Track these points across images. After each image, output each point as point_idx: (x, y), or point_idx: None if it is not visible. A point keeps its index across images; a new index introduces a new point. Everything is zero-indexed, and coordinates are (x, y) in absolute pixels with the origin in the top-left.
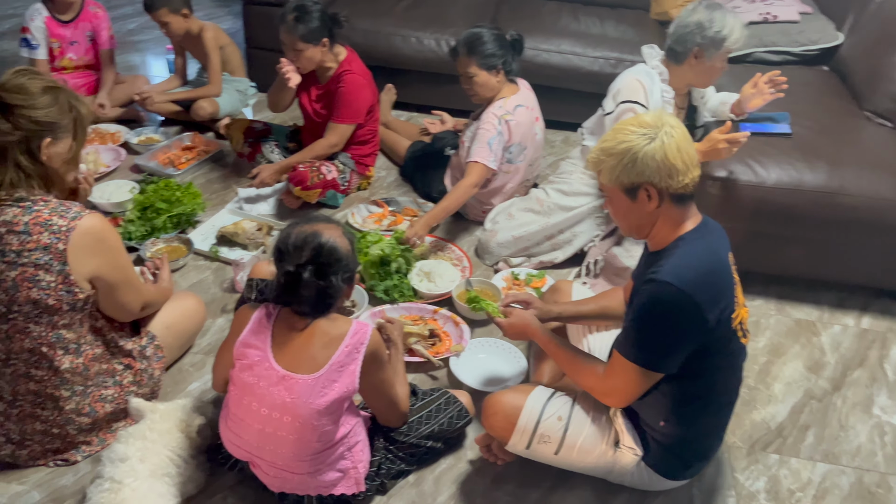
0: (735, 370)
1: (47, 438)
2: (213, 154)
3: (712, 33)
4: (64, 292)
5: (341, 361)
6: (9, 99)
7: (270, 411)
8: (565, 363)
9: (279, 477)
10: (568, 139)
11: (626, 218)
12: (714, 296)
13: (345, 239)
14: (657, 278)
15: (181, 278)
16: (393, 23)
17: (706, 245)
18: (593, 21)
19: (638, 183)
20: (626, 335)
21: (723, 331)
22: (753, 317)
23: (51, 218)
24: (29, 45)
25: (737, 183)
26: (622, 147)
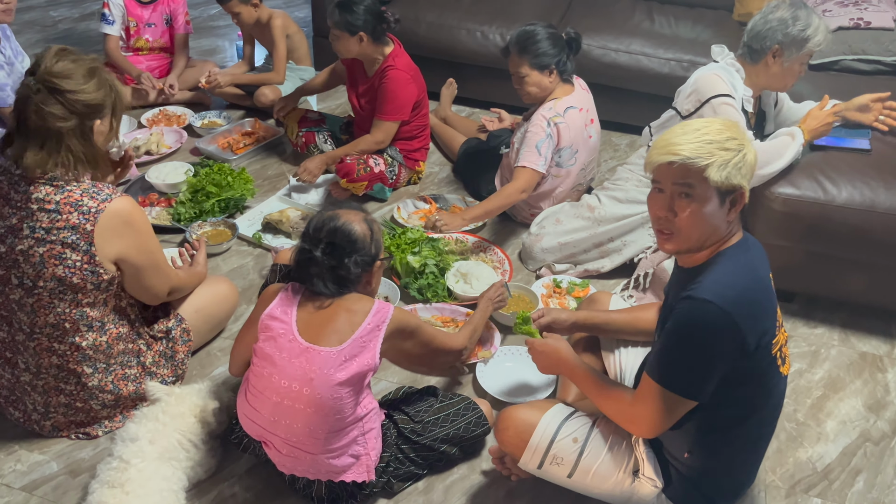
0: (772, 401)
1: (71, 411)
2: (272, 140)
3: (795, 31)
4: (89, 272)
5: (364, 337)
6: (61, 84)
7: (290, 383)
8: (592, 390)
9: (292, 456)
10: (633, 143)
11: (701, 224)
12: (756, 318)
13: (364, 225)
14: (695, 296)
15: (223, 262)
16: (459, 16)
17: (748, 262)
18: (668, 20)
19: (738, 185)
20: (658, 358)
21: (761, 357)
22: (813, 346)
23: (82, 199)
24: (106, 20)
25: (802, 199)
26: (736, 143)
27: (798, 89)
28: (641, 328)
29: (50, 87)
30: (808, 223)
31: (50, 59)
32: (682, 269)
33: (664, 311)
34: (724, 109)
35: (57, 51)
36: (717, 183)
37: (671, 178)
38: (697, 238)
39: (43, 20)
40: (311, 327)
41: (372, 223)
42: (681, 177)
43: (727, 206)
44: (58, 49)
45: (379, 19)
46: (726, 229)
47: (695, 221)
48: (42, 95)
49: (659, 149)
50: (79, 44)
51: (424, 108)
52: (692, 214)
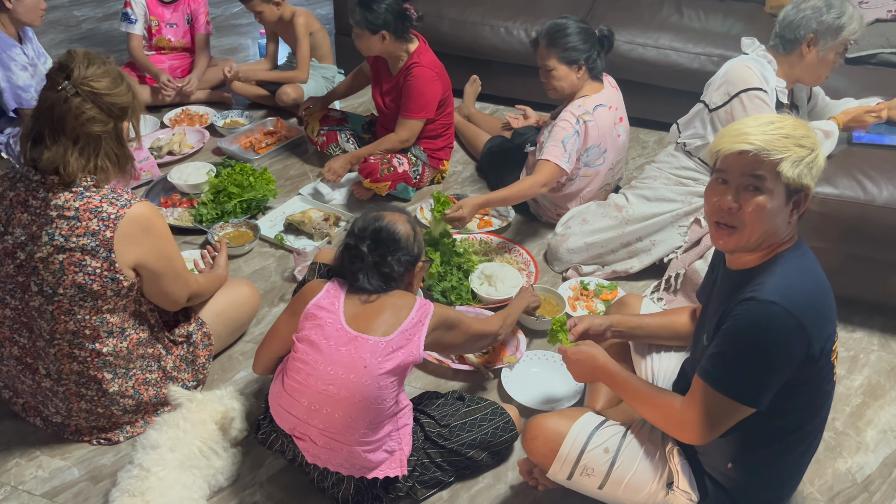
0: (822, 412)
1: (92, 417)
2: (294, 140)
3: (830, 19)
4: (108, 279)
5: (409, 330)
6: (100, 89)
7: (336, 369)
8: (635, 396)
9: (328, 448)
10: (662, 140)
11: (770, 221)
12: (822, 322)
13: (408, 226)
14: (759, 297)
15: (244, 264)
16: (482, 12)
17: (809, 263)
18: (697, 14)
19: (806, 185)
20: (714, 361)
21: (823, 363)
22: (851, 351)
23: (101, 205)
24: (128, 19)
25: (840, 199)
26: (810, 142)
27: (835, 84)
28: (675, 332)
29: (89, 90)
30: (847, 224)
31: (81, 64)
32: (731, 273)
33: (707, 314)
34: (756, 103)
35: (84, 55)
36: (788, 179)
37: (741, 168)
38: (760, 235)
39: (67, 20)
40: (358, 318)
41: (415, 225)
42: (752, 168)
43: (791, 206)
44: (84, 53)
45: (401, 17)
46: (786, 231)
47: (760, 217)
48: (81, 99)
49: (729, 137)
50: (102, 44)
51: (449, 107)
52: (758, 209)
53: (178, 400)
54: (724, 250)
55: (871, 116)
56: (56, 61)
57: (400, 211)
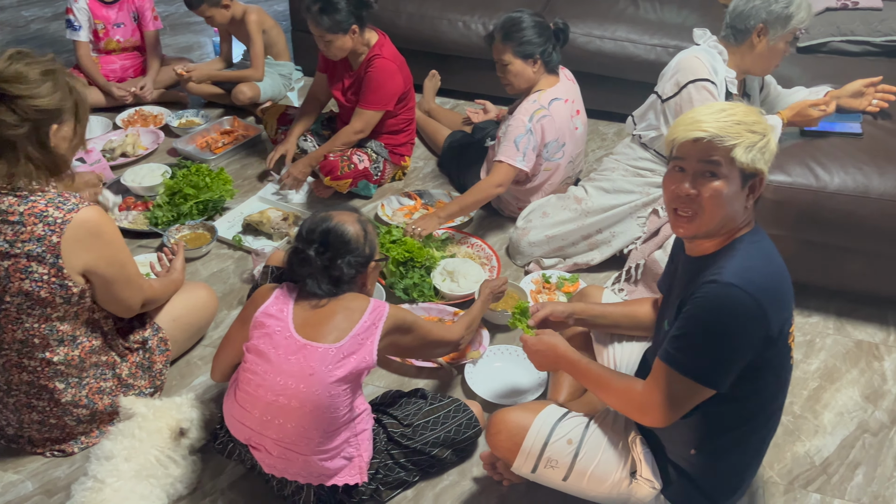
0: (781, 395)
1: (45, 428)
2: (251, 139)
3: (778, 9)
4: (57, 285)
5: (361, 335)
6: (11, 90)
7: (286, 380)
8: (596, 382)
9: (283, 458)
10: (621, 132)
11: (723, 207)
12: (780, 303)
13: (357, 226)
14: (720, 280)
15: (202, 266)
16: (440, 6)
17: (767, 249)
18: (653, 6)
19: (760, 170)
20: (676, 343)
21: (781, 346)
22: (808, 335)
23: (47, 209)
24: (72, 27)
25: (794, 186)
26: (762, 127)
27: (786, 73)
28: (638, 322)
29: (1, 92)
30: (800, 211)
31: (2, 64)
32: (692, 259)
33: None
34: (703, 94)
35: (10, 54)
36: (742, 164)
37: (696, 155)
38: (719, 220)
39: (15, 20)
40: (307, 325)
41: (366, 224)
42: (707, 154)
43: (747, 190)
44: (12, 52)
45: (362, 6)
46: (743, 215)
47: (718, 202)
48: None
49: (684, 126)
50: (51, 44)
51: (411, 102)
52: (716, 194)
53: (132, 410)
54: (684, 237)
55: (816, 110)
56: None
57: (350, 210)
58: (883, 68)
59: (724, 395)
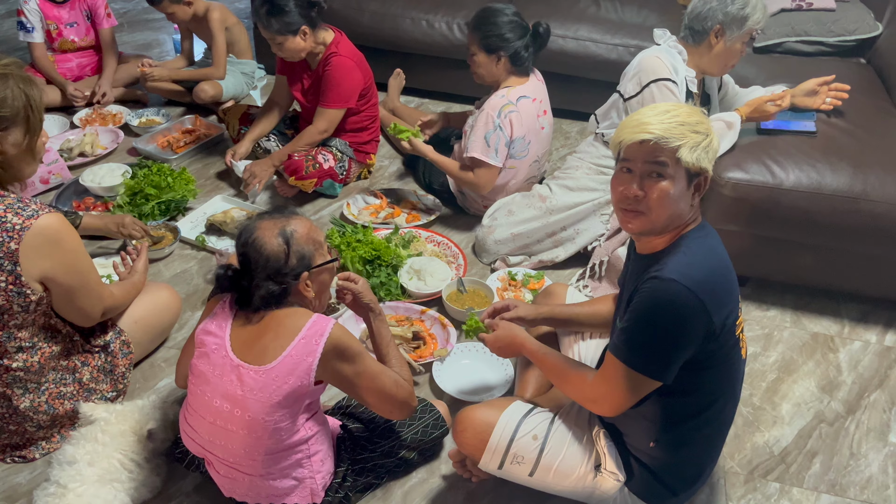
0: (735, 385)
1: (4, 434)
2: (213, 138)
3: (734, 10)
4: (14, 293)
5: (295, 355)
6: None
7: (222, 402)
8: (553, 372)
9: (230, 477)
10: (584, 130)
11: (669, 206)
12: (721, 298)
13: (278, 240)
14: (661, 276)
15: (165, 267)
16: (402, 4)
17: (710, 243)
18: (613, 6)
19: (704, 169)
20: (622, 337)
21: (726, 338)
22: (766, 329)
23: (5, 214)
24: (24, 29)
25: (751, 183)
26: (704, 126)
27: (742, 72)
28: (602, 319)
29: None
30: (757, 207)
31: None
32: (641, 257)
33: (622, 298)
34: (665, 93)
35: None
36: (687, 164)
37: (643, 156)
38: (666, 218)
39: None
40: (243, 343)
41: (290, 236)
42: (653, 156)
43: (693, 189)
44: None
45: (310, 6)
46: (689, 213)
47: (665, 201)
48: None
49: (630, 128)
50: (3, 42)
51: (373, 98)
52: (662, 194)
53: (93, 416)
54: (632, 233)
55: (772, 106)
56: None
57: (278, 218)
58: (836, 67)
59: (674, 386)
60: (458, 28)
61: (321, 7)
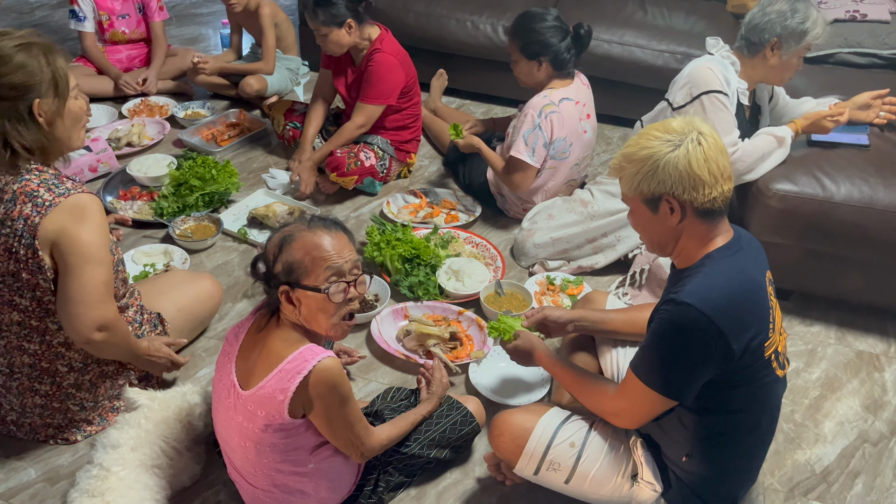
0: (769, 405)
1: (47, 412)
2: (257, 133)
3: (794, 24)
4: (35, 267)
5: (269, 388)
6: None
7: (223, 415)
8: (572, 385)
9: (238, 482)
10: (626, 136)
11: (647, 231)
12: (742, 321)
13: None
14: (677, 299)
15: (207, 258)
16: (448, 5)
17: (736, 264)
18: (661, 11)
19: (659, 194)
20: (640, 355)
21: (751, 361)
22: (809, 344)
23: (38, 189)
24: (77, 17)
25: (800, 196)
26: (643, 153)
27: (793, 83)
28: (639, 328)
29: None
30: (805, 220)
31: None
32: (675, 270)
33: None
34: (716, 105)
35: None
36: (633, 194)
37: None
38: (650, 242)
39: (20, 6)
40: (245, 356)
41: (286, 243)
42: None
43: (664, 212)
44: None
45: (357, 0)
46: (673, 234)
47: (638, 228)
48: None
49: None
50: (56, 31)
51: (416, 97)
52: (634, 223)
53: (136, 402)
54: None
55: (830, 122)
56: None
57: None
58: (890, 81)
59: (702, 403)
60: (503, 30)
61: (369, 2)
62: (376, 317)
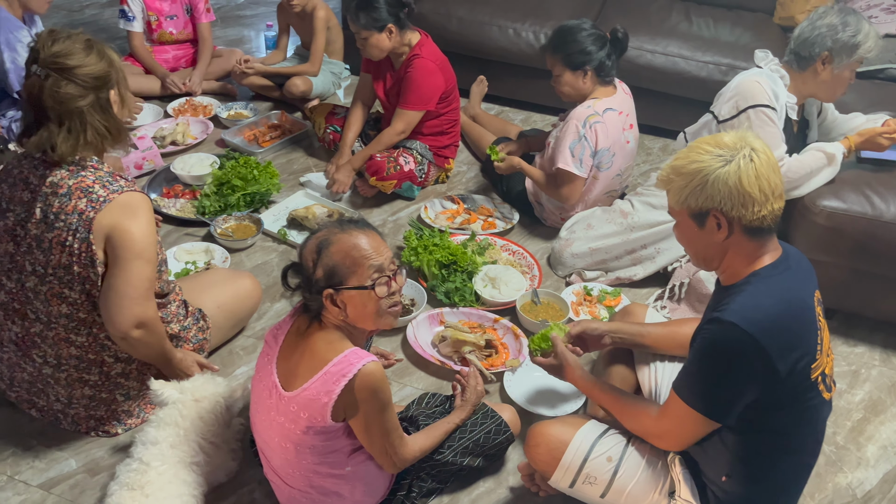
0: (814, 428)
1: (94, 403)
2: (298, 134)
3: (846, 37)
4: (87, 261)
5: (313, 391)
6: (67, 62)
7: (263, 416)
8: (612, 405)
9: (274, 482)
10: (667, 147)
11: (692, 246)
12: (788, 342)
13: (312, 246)
14: (721, 318)
15: (246, 258)
16: (490, 12)
17: (784, 283)
18: (706, 22)
19: (706, 209)
20: (683, 375)
21: (797, 382)
22: (853, 366)
23: (93, 185)
24: (126, 17)
25: (848, 214)
26: (693, 167)
27: (843, 99)
28: (679, 343)
29: (57, 68)
30: (853, 239)
31: (46, 43)
32: (720, 287)
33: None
34: (762, 119)
35: (48, 33)
36: (679, 207)
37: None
38: (695, 256)
39: (70, 4)
40: (286, 357)
41: (324, 248)
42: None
43: (710, 227)
44: (48, 31)
45: (399, 5)
46: (719, 250)
47: (683, 242)
48: (53, 79)
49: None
50: (104, 30)
51: (455, 102)
52: (679, 236)
53: (163, 395)
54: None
55: (885, 139)
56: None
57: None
58: None
59: (744, 425)
60: (545, 37)
61: (411, 8)
62: (412, 321)
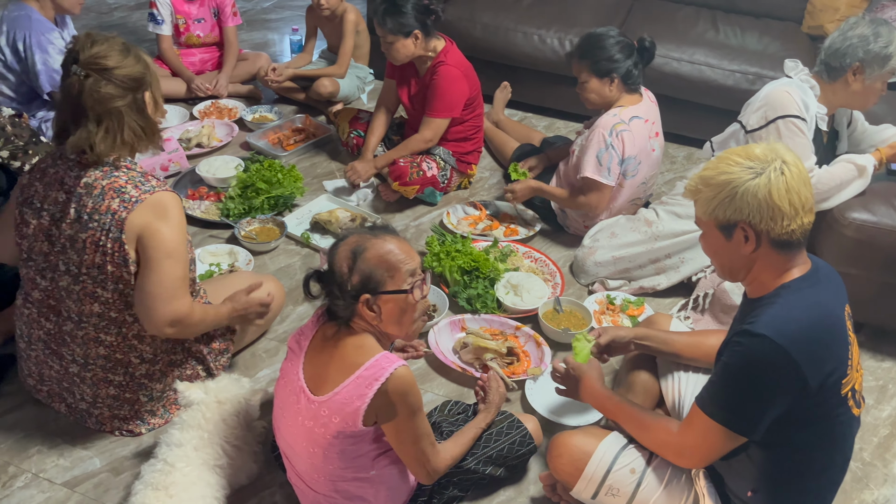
0: (842, 444)
1: (118, 403)
2: (322, 138)
3: (877, 48)
4: (120, 260)
5: (345, 395)
6: (105, 63)
7: (290, 421)
8: (629, 420)
9: (298, 487)
10: (691, 156)
11: (718, 257)
12: (820, 356)
13: (345, 253)
14: (752, 330)
15: (270, 261)
16: (515, 18)
17: (815, 296)
18: (733, 31)
19: (735, 221)
20: (710, 389)
21: (828, 397)
22: (880, 381)
23: (126, 185)
24: (155, 20)
25: (878, 226)
26: (722, 178)
27: (874, 110)
28: (703, 354)
29: (98, 69)
30: (883, 252)
31: (85, 45)
32: (747, 300)
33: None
34: (792, 130)
35: (86, 36)
36: (707, 218)
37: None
38: (721, 268)
39: (99, 6)
40: (313, 363)
41: (359, 253)
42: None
43: (738, 239)
44: (86, 35)
45: (427, 12)
46: (746, 262)
47: (710, 253)
48: (93, 79)
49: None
50: (133, 32)
51: (479, 108)
52: (706, 247)
53: (189, 396)
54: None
55: None
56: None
57: (367, 233)
58: None
59: (771, 440)
60: (570, 44)
61: (438, 16)
62: (434, 327)
